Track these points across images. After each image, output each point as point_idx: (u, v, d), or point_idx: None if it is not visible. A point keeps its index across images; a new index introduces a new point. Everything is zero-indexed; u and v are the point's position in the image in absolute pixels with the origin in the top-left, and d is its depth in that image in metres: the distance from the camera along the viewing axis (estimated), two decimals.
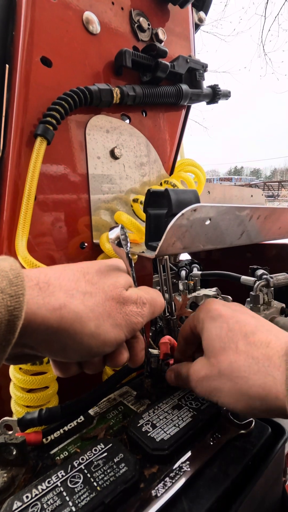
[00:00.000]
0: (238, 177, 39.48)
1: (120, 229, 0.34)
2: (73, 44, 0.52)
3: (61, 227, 0.52)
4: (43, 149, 0.45)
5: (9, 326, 0.22)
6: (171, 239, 0.40)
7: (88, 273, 0.31)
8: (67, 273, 0.30)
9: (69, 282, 0.29)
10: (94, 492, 0.30)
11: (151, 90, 0.59)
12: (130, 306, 0.32)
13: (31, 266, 0.42)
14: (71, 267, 0.31)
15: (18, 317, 0.23)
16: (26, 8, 0.47)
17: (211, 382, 0.35)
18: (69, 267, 0.31)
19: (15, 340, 0.23)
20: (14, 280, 0.23)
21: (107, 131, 0.57)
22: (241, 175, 67.85)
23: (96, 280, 0.31)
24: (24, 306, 0.23)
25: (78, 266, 0.32)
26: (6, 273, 0.23)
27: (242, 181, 36.87)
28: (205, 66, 0.69)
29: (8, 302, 0.22)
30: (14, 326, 0.23)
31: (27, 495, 0.30)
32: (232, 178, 37.41)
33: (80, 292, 0.29)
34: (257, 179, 53.95)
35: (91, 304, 0.29)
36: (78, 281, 0.30)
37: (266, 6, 6.52)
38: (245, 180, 37.90)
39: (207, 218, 0.43)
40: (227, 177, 38.34)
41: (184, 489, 0.31)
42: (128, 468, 0.32)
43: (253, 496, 0.33)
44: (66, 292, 0.28)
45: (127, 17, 0.59)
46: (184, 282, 1.07)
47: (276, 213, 0.57)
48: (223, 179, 34.74)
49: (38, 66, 0.48)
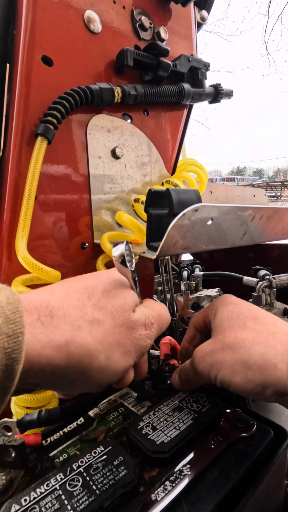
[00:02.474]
0: (240, 177, 39.35)
1: (125, 246, 0.31)
2: (74, 43, 0.51)
3: (61, 227, 0.52)
4: (44, 149, 0.45)
5: (7, 372, 0.19)
6: (172, 239, 0.40)
7: (94, 295, 0.29)
8: (71, 299, 0.27)
9: (74, 310, 0.26)
10: (93, 495, 0.29)
11: (152, 89, 0.59)
12: (139, 329, 0.30)
13: (31, 266, 0.42)
14: (75, 288, 0.29)
15: (17, 360, 0.20)
16: (27, 7, 0.46)
17: (214, 355, 0.36)
18: (72, 288, 0.29)
19: (15, 387, 0.21)
20: (11, 317, 0.20)
21: (108, 130, 0.56)
22: (243, 175, 67.63)
23: (103, 303, 0.29)
24: (24, 346, 0.21)
25: (83, 286, 0.29)
26: (3, 308, 0.20)
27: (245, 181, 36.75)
28: (207, 65, 0.68)
29: (5, 344, 0.19)
30: (13, 372, 0.20)
31: (26, 498, 0.30)
32: (235, 178, 37.30)
33: (87, 321, 0.26)
34: (259, 179, 53.76)
35: (100, 335, 0.27)
36: (84, 307, 0.27)
37: (269, 6, 6.50)
38: (248, 180, 37.77)
39: (209, 218, 0.42)
40: (229, 177, 38.24)
41: (184, 493, 0.31)
42: (127, 471, 0.32)
43: (255, 500, 0.33)
44: (72, 324, 0.25)
45: (128, 16, 0.59)
46: (186, 283, 1.07)
47: (279, 213, 0.56)
48: (225, 179, 34.66)
49: (39, 65, 0.48)
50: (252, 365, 0.33)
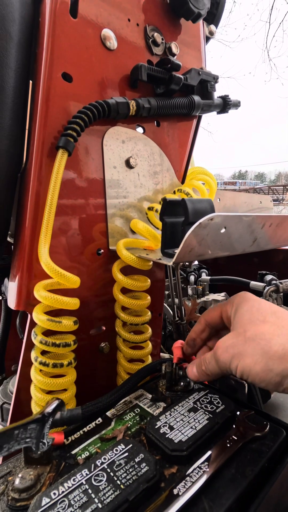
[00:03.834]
0: (242, 181, 39.39)
1: None
2: (92, 59, 0.54)
3: (78, 234, 0.54)
4: (65, 161, 0.47)
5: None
6: (188, 246, 0.42)
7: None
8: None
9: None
10: (118, 490, 0.31)
11: (165, 102, 0.61)
12: None
13: (54, 272, 0.44)
14: None
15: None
16: (49, 27, 0.49)
17: (235, 347, 0.39)
18: None
19: None
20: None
21: (123, 141, 0.59)
22: (245, 179, 67.72)
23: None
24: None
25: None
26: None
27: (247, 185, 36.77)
28: (216, 77, 0.71)
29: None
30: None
31: (55, 492, 0.31)
32: (237, 182, 37.32)
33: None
34: (261, 183, 53.76)
35: None
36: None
37: (271, 13, 6.58)
38: (250, 184, 37.80)
39: (223, 227, 0.44)
40: (231, 181, 38.27)
41: (204, 488, 0.33)
42: (149, 467, 0.34)
43: (270, 497, 0.34)
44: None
45: (142, 33, 0.61)
46: (193, 287, 1.09)
47: (286, 221, 0.58)
48: (227, 183, 34.68)
49: (59, 82, 0.50)
50: (272, 355, 0.35)
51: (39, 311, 0.46)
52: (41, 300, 0.44)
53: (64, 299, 0.45)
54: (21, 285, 0.49)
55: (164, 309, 1.00)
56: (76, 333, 0.53)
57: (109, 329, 0.60)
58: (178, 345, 0.57)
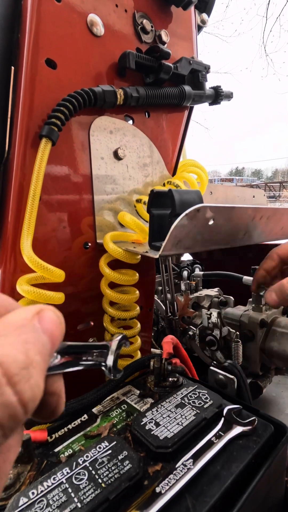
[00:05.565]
0: (239, 178, 39.39)
1: None
2: (78, 46, 0.52)
3: (65, 227, 0.53)
4: (48, 150, 0.46)
5: None
6: (174, 239, 0.41)
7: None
8: None
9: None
10: (99, 488, 0.30)
11: (154, 92, 0.59)
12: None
13: (36, 266, 0.42)
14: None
15: None
16: (32, 11, 0.47)
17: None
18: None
19: None
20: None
21: (110, 132, 0.57)
22: (242, 175, 67.77)
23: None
24: None
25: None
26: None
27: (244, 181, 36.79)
28: (207, 67, 0.69)
29: None
30: None
31: (33, 492, 0.30)
32: (234, 179, 37.34)
33: None
34: (258, 180, 53.83)
35: None
36: None
37: (268, 7, 6.52)
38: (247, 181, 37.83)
39: (210, 219, 0.43)
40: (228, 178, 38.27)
41: (187, 486, 0.32)
42: (132, 465, 0.33)
43: (256, 494, 0.34)
44: None
45: (130, 19, 0.60)
46: (186, 283, 1.08)
47: (278, 214, 0.57)
48: (224, 180, 34.68)
49: (43, 68, 0.48)
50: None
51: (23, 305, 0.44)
52: (23, 295, 0.43)
53: (48, 293, 0.43)
54: (4, 279, 0.47)
55: (157, 304, 0.99)
56: None
57: (98, 324, 0.58)
58: (168, 340, 0.56)
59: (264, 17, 6.63)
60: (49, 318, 0.19)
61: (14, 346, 0.16)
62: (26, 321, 0.18)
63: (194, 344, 0.85)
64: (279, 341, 0.74)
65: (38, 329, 0.18)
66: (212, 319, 0.79)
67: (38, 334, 0.18)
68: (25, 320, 0.18)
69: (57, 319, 0.20)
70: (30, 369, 0.16)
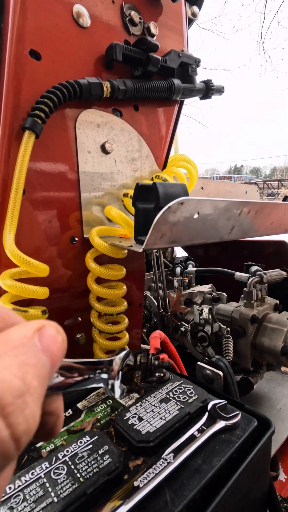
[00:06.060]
0: (238, 176, 39.35)
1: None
2: (63, 37, 0.51)
3: (50, 221, 0.52)
4: (31, 143, 0.45)
5: None
6: (158, 232, 0.40)
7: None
8: None
9: None
10: (77, 483, 0.30)
11: (142, 85, 0.59)
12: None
13: (19, 259, 0.42)
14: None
15: None
16: (15, 1, 0.46)
17: None
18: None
19: None
20: None
21: (97, 125, 0.57)
22: (241, 173, 67.71)
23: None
24: None
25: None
26: None
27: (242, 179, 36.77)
28: (197, 60, 0.68)
29: None
30: None
31: (10, 486, 0.30)
32: (232, 177, 37.29)
33: None
34: (257, 178, 53.83)
35: None
36: None
37: (266, 3, 6.48)
38: (245, 179, 37.81)
39: (195, 212, 0.43)
40: (227, 176, 38.23)
41: (167, 480, 0.31)
42: (112, 459, 0.32)
43: (237, 488, 0.33)
44: None
45: (118, 11, 0.59)
46: (179, 279, 1.08)
47: (267, 208, 0.57)
48: (223, 178, 34.63)
49: (27, 59, 0.47)
50: None
51: (6, 300, 0.44)
52: (6, 289, 0.42)
53: (31, 288, 0.43)
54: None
55: (150, 301, 0.99)
56: None
57: (86, 319, 0.58)
58: (155, 336, 0.56)
59: (262, 13, 6.59)
60: (50, 335, 0.18)
61: (10, 369, 0.15)
62: (26, 339, 0.16)
63: (186, 340, 0.85)
64: (270, 336, 0.74)
65: (38, 349, 0.17)
66: (203, 315, 0.79)
67: (37, 354, 0.16)
68: (25, 338, 0.16)
69: (59, 336, 0.18)
70: (26, 397, 0.14)
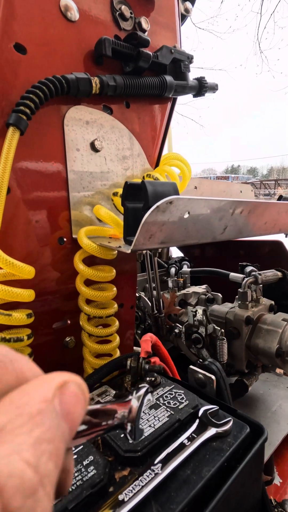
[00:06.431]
0: (235, 176, 39.44)
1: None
2: (50, 31, 0.50)
3: (37, 221, 0.50)
4: (16, 139, 0.43)
5: None
6: (147, 233, 0.39)
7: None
8: None
9: None
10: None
11: (133, 81, 0.57)
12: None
13: (1, 261, 0.40)
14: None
15: None
16: None
17: None
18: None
19: None
20: None
21: (86, 122, 0.55)
22: (238, 173, 67.90)
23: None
24: None
25: None
26: None
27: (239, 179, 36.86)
28: (190, 57, 0.67)
29: None
30: None
31: None
32: (229, 177, 37.36)
33: None
34: (254, 178, 54.02)
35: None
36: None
37: (262, 4, 6.48)
38: (242, 179, 37.91)
39: (186, 211, 0.41)
40: (224, 176, 38.30)
41: (154, 492, 0.30)
42: (97, 471, 0.31)
43: (229, 497, 0.32)
44: None
45: (108, 5, 0.57)
46: (174, 280, 1.06)
47: (260, 207, 0.56)
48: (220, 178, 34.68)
49: (12, 53, 0.46)
50: None
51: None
52: None
53: (16, 291, 0.41)
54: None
55: (143, 302, 0.98)
56: (36, 327, 0.49)
57: (75, 322, 0.56)
58: (146, 339, 0.55)
59: (259, 13, 6.60)
60: (72, 395, 0.15)
61: (23, 453, 0.12)
62: (45, 405, 0.14)
63: (180, 342, 0.84)
64: (265, 338, 0.73)
65: (57, 415, 0.14)
66: (197, 317, 0.77)
67: (56, 423, 0.14)
68: (43, 403, 0.14)
69: (82, 395, 0.16)
70: (38, 493, 0.12)
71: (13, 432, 0.13)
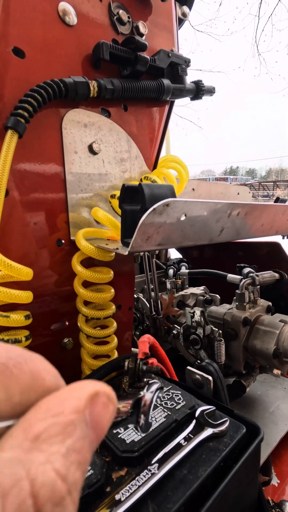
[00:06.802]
0: (233, 177, 39.58)
1: None
2: (48, 35, 0.50)
3: (36, 223, 0.51)
4: (14, 143, 0.44)
5: None
6: (144, 235, 0.39)
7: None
8: None
9: None
10: None
11: (130, 84, 0.58)
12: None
13: (0, 263, 0.41)
14: None
15: None
16: None
17: None
18: None
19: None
20: None
21: (84, 125, 0.55)
22: (236, 175, 68.12)
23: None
24: None
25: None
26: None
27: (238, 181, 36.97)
28: (187, 61, 0.68)
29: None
30: None
31: None
32: (228, 178, 37.46)
33: None
34: (252, 179, 54.20)
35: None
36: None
37: (260, 6, 6.53)
38: (241, 180, 38.03)
39: (182, 214, 0.42)
40: (222, 177, 38.42)
41: (151, 492, 0.30)
42: (94, 471, 0.31)
43: (225, 497, 0.32)
44: None
45: (105, 9, 0.58)
46: (172, 281, 1.07)
47: (257, 210, 0.56)
48: (218, 179, 34.78)
49: (10, 57, 0.46)
50: None
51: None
52: None
53: (14, 292, 0.42)
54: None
55: (142, 303, 0.98)
56: (34, 329, 0.50)
57: (73, 323, 0.57)
58: (144, 340, 0.55)
59: (257, 16, 6.65)
60: (102, 406, 0.16)
61: (55, 464, 0.13)
62: (76, 416, 0.14)
63: (179, 343, 0.84)
64: (262, 339, 0.74)
65: (86, 425, 0.15)
66: (195, 318, 0.78)
67: (85, 433, 0.15)
68: (75, 414, 0.14)
69: (111, 406, 0.16)
70: (65, 501, 0.13)
71: (48, 441, 0.13)
